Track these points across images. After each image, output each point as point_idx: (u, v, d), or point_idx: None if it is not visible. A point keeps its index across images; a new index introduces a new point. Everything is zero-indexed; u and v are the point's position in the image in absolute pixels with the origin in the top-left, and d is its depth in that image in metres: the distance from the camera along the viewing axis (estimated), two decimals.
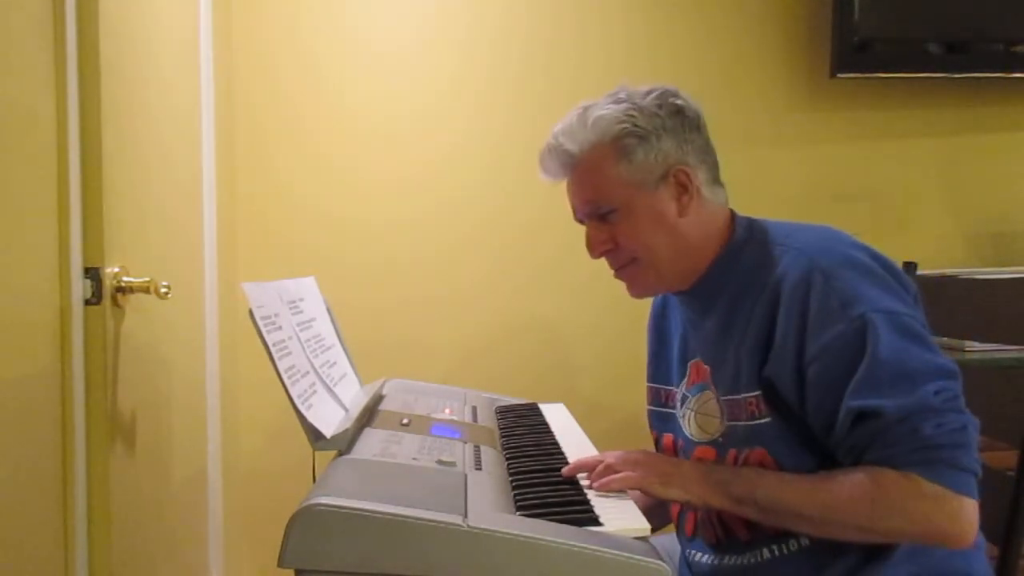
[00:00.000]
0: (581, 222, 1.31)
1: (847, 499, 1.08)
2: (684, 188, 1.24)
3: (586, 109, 1.26)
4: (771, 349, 1.16)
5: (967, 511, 1.06)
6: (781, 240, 1.23)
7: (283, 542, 0.96)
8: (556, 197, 2.39)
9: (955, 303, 1.55)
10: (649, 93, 1.25)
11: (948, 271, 2.24)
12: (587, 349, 2.41)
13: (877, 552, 1.14)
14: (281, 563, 0.96)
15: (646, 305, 1.47)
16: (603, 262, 1.30)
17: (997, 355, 1.99)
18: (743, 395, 1.19)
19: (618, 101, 1.25)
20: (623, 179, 1.23)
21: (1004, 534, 1.32)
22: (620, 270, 1.30)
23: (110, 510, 1.33)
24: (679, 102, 1.25)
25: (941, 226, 2.49)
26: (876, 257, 1.18)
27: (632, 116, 1.23)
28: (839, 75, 2.36)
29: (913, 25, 2.37)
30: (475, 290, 2.37)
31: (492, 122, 2.36)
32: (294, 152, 2.30)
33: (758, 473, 1.17)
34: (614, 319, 2.35)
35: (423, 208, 2.35)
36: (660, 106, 1.24)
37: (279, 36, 2.29)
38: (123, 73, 1.45)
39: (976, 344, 1.99)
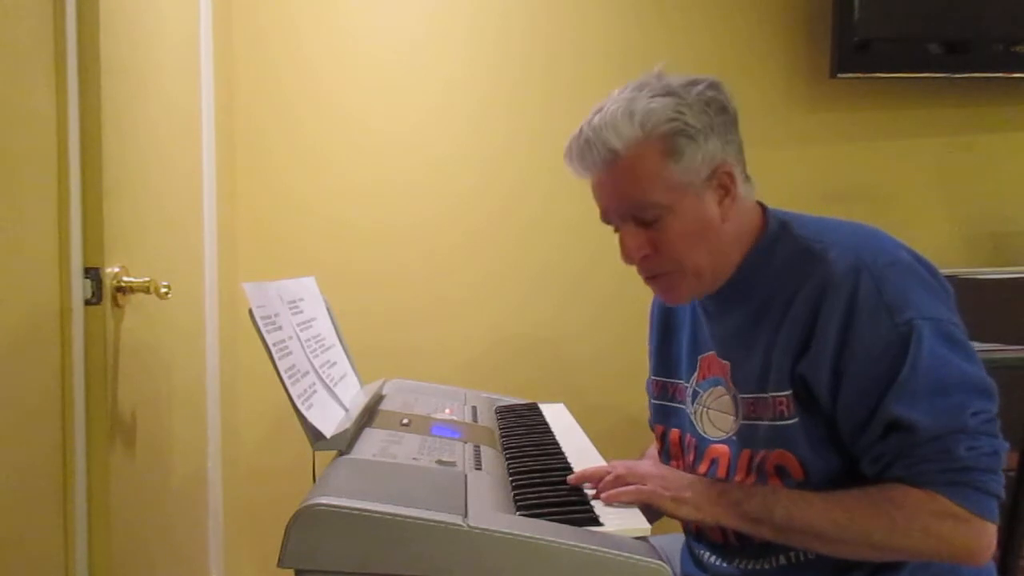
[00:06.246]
0: (609, 222, 1.22)
1: (865, 516, 1.06)
2: (727, 191, 1.18)
3: (631, 101, 1.15)
4: (810, 346, 1.11)
5: (987, 534, 1.05)
6: (819, 236, 1.18)
7: (283, 542, 0.96)
8: (554, 200, 2.42)
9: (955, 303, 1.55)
10: (693, 85, 1.17)
11: (948, 271, 2.22)
12: (587, 349, 2.40)
13: (890, 562, 1.12)
14: (281, 563, 0.96)
15: (645, 304, 1.46)
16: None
17: (997, 355, 1.98)
18: (771, 394, 1.15)
19: (664, 94, 1.15)
20: (670, 180, 1.14)
21: (1004, 534, 1.32)
22: (655, 278, 1.21)
23: (110, 509, 1.33)
24: (723, 98, 1.18)
25: (941, 226, 2.49)
26: (919, 259, 1.16)
27: (682, 113, 1.14)
28: (839, 75, 2.35)
29: (913, 25, 2.37)
30: (475, 291, 2.37)
31: (491, 125, 2.36)
32: (294, 153, 2.30)
33: (773, 491, 1.14)
34: (614, 319, 2.35)
35: (422, 210, 2.34)
36: (708, 103, 1.16)
37: (279, 38, 2.29)
38: (123, 73, 1.44)
39: (976, 344, 1.98)
